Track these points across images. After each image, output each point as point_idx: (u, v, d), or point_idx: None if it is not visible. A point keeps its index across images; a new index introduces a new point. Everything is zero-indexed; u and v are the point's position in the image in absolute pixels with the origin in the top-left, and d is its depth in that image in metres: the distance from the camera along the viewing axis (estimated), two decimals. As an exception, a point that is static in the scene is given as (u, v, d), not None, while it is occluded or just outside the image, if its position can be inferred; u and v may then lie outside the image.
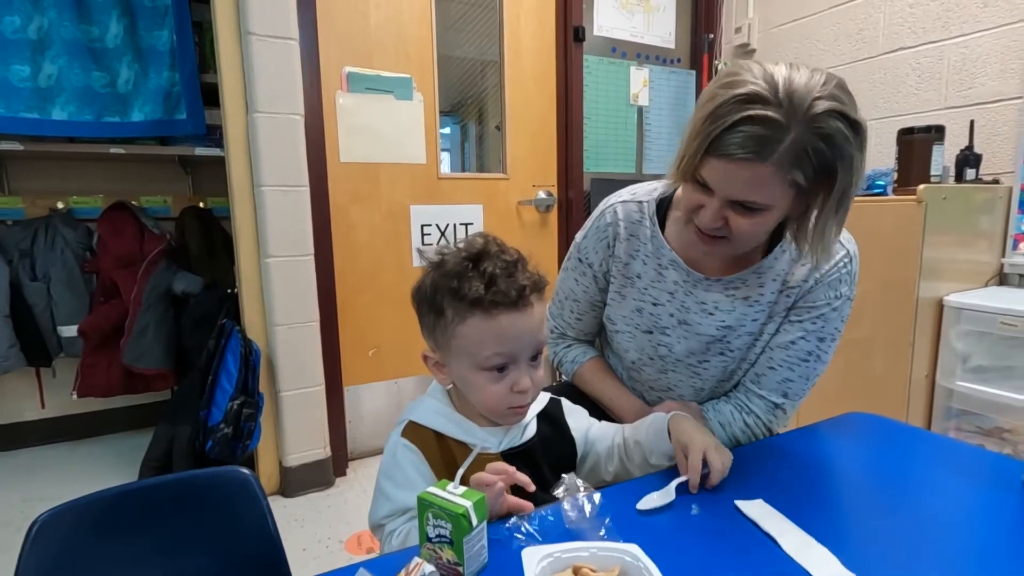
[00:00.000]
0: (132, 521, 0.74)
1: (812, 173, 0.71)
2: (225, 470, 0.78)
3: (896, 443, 0.90)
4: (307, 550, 1.63)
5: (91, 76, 1.97)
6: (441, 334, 0.72)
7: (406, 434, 0.74)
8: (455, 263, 0.70)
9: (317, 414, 1.94)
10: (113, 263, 2.18)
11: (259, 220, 1.78)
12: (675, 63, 2.70)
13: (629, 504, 0.69)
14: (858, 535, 0.64)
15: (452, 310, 0.69)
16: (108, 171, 2.31)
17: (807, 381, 0.91)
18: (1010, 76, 1.80)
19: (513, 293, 0.67)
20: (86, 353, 2.17)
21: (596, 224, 0.99)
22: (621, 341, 1.00)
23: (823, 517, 0.68)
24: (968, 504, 0.72)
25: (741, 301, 0.90)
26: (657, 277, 0.94)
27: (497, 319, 0.67)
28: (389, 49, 2.05)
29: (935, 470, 0.82)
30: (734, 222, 0.76)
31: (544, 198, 2.40)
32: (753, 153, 0.69)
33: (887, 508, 0.71)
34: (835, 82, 0.71)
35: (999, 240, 1.84)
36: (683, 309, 0.93)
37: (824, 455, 0.88)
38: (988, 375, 1.58)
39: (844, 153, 0.70)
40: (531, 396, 0.73)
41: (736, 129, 0.69)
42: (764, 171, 0.70)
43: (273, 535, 0.77)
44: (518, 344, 0.69)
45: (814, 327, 0.88)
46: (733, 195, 0.74)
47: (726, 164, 0.72)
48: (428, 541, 0.57)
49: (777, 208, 0.75)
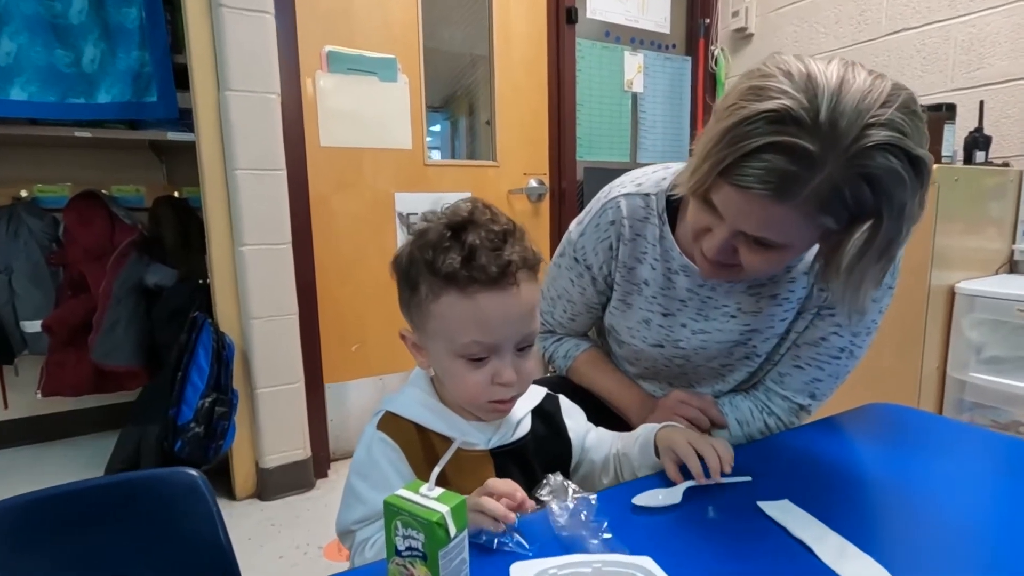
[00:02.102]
0: (60, 529, 0.64)
1: (848, 218, 0.57)
2: (170, 471, 0.68)
3: (927, 435, 0.81)
4: (284, 557, 1.52)
5: (54, 54, 1.84)
6: (416, 312, 0.62)
7: (383, 426, 0.64)
8: (435, 232, 0.59)
9: (296, 412, 1.83)
10: (81, 255, 2.06)
11: (232, 206, 1.67)
12: (670, 48, 2.61)
13: (630, 509, 0.60)
14: (902, 539, 0.55)
15: (426, 285, 0.59)
16: (76, 158, 2.19)
17: (836, 380, 0.80)
18: (1020, 55, 1.72)
19: (494, 269, 0.56)
20: (52, 350, 2.05)
21: (596, 221, 0.84)
22: (628, 354, 0.89)
23: (859, 519, 0.59)
24: (1014, 500, 0.63)
25: (768, 300, 0.77)
26: (666, 284, 0.81)
27: (475, 299, 0.57)
28: (372, 28, 1.94)
29: (974, 464, 0.73)
30: (745, 256, 0.64)
31: (536, 187, 2.31)
32: (773, 191, 0.55)
33: (929, 508, 0.62)
34: (901, 99, 0.54)
35: (1009, 226, 1.77)
36: (699, 317, 0.81)
37: (850, 449, 0.79)
38: (1003, 366, 1.50)
39: (894, 199, 0.55)
40: (517, 390, 0.62)
41: (758, 156, 0.55)
42: (784, 212, 0.57)
43: (224, 543, 0.67)
44: (500, 331, 0.59)
45: (849, 321, 0.76)
46: (746, 229, 0.61)
47: (741, 196, 0.58)
48: (397, 555, 0.47)
49: (798, 247, 0.64)
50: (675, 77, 2.62)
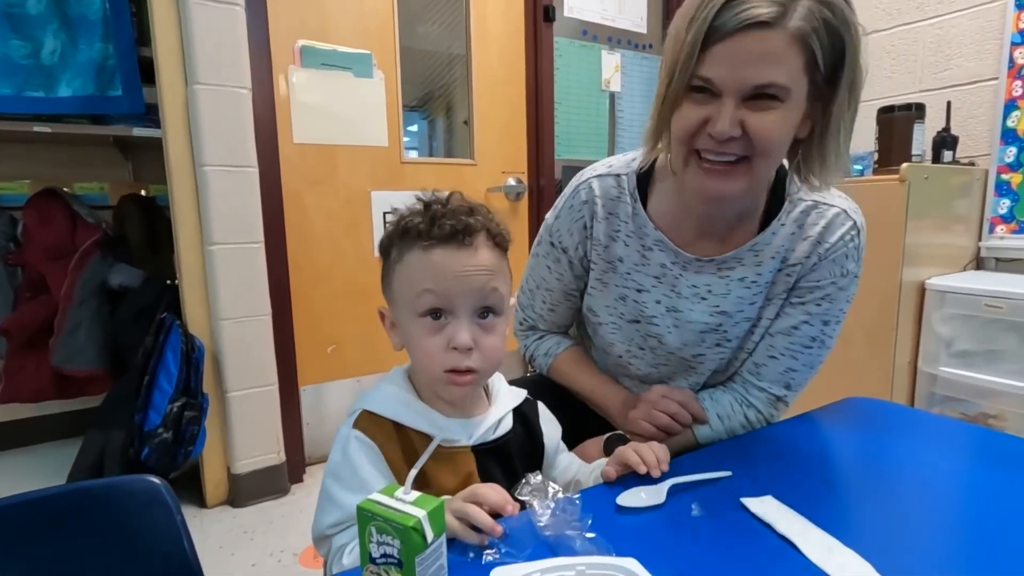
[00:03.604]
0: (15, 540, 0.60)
1: (828, 46, 0.63)
2: (130, 479, 0.65)
3: (905, 428, 0.82)
4: (257, 565, 1.48)
5: (9, 45, 1.76)
6: (387, 282, 0.64)
7: (359, 425, 0.61)
8: (411, 208, 0.63)
9: (270, 416, 1.78)
10: (41, 255, 1.97)
11: (201, 204, 1.62)
12: (647, 48, 2.62)
13: (614, 509, 0.58)
14: (885, 534, 0.55)
15: (396, 250, 0.63)
16: (35, 154, 2.10)
17: (811, 370, 0.82)
18: (986, 57, 1.77)
19: (449, 226, 0.59)
20: (10, 354, 1.96)
21: (569, 203, 0.86)
22: (606, 334, 0.89)
23: (843, 514, 0.59)
24: (993, 491, 0.63)
25: (737, 283, 0.80)
26: (641, 260, 0.83)
27: (430, 252, 0.60)
28: (346, 22, 1.90)
29: (953, 456, 0.74)
30: (753, 124, 0.64)
31: (514, 185, 2.29)
32: (766, 17, 0.60)
33: (911, 501, 0.62)
34: None
35: (975, 224, 1.82)
36: (672, 295, 0.82)
37: (831, 444, 0.80)
38: (972, 360, 1.54)
39: (850, 22, 0.63)
40: (475, 362, 0.60)
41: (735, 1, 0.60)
42: (780, 38, 0.61)
43: (188, 554, 0.63)
44: (453, 285, 0.59)
45: (818, 309, 0.79)
46: (748, 79, 0.63)
47: (736, 42, 0.61)
48: (371, 562, 0.45)
49: (795, 100, 0.65)
50: (652, 76, 2.63)
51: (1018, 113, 1.71)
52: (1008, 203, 1.76)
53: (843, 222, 0.77)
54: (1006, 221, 1.77)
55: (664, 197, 0.82)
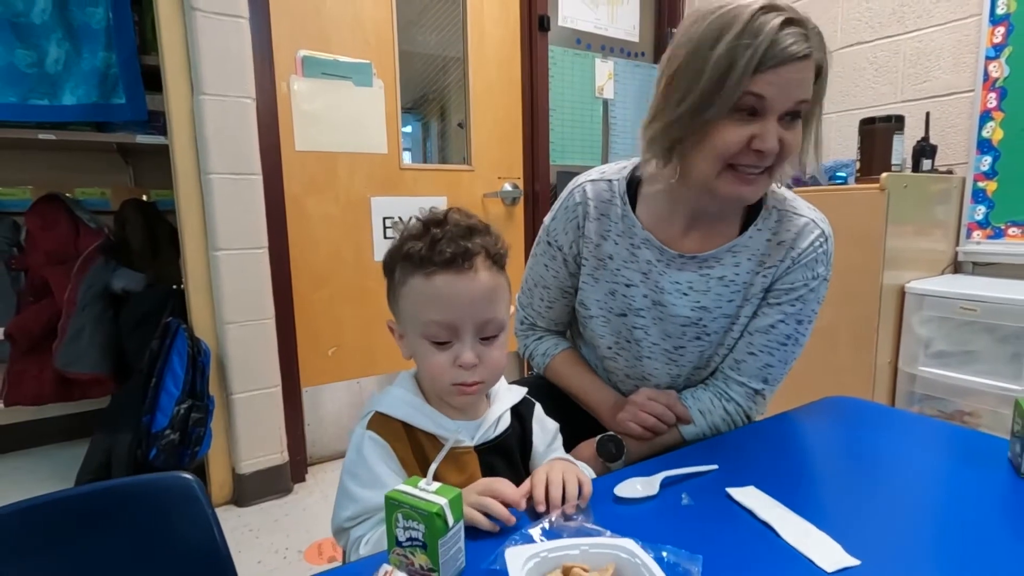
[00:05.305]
0: (55, 536, 0.64)
1: (824, 54, 0.75)
2: (165, 476, 0.69)
3: (880, 425, 0.88)
4: (263, 562, 1.52)
5: (15, 54, 1.79)
6: (393, 299, 0.69)
7: (372, 426, 0.67)
8: (412, 227, 0.67)
9: (273, 417, 1.83)
10: (44, 260, 2.00)
11: (207, 211, 1.66)
12: (640, 56, 2.69)
13: (611, 498, 0.64)
14: (856, 520, 0.61)
15: (399, 271, 0.66)
16: (38, 160, 2.13)
17: (786, 365, 0.89)
18: (962, 70, 1.85)
19: (449, 252, 0.62)
20: (13, 358, 1.98)
21: (564, 204, 0.94)
22: (595, 327, 0.95)
23: (818, 502, 0.65)
24: (959, 482, 0.70)
25: (716, 281, 0.87)
26: (630, 257, 0.90)
27: (433, 279, 0.63)
28: (347, 33, 1.95)
29: (923, 450, 0.80)
30: (786, 138, 0.75)
31: (510, 190, 2.34)
32: (806, 50, 0.70)
33: (882, 491, 0.68)
34: None
35: (953, 229, 1.89)
36: (657, 290, 0.89)
37: (810, 440, 0.86)
38: (949, 360, 1.61)
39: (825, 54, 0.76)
40: (480, 375, 0.65)
41: (783, 32, 0.69)
42: (810, 67, 0.73)
43: (221, 547, 0.68)
44: (457, 311, 0.63)
45: (793, 309, 0.86)
46: (792, 99, 0.73)
47: (784, 71, 0.70)
48: (398, 545, 0.50)
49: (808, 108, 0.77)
50: (644, 84, 2.69)
51: (993, 124, 1.79)
52: (984, 209, 1.84)
53: (812, 230, 0.85)
54: (982, 227, 1.84)
55: (651, 201, 0.89)
